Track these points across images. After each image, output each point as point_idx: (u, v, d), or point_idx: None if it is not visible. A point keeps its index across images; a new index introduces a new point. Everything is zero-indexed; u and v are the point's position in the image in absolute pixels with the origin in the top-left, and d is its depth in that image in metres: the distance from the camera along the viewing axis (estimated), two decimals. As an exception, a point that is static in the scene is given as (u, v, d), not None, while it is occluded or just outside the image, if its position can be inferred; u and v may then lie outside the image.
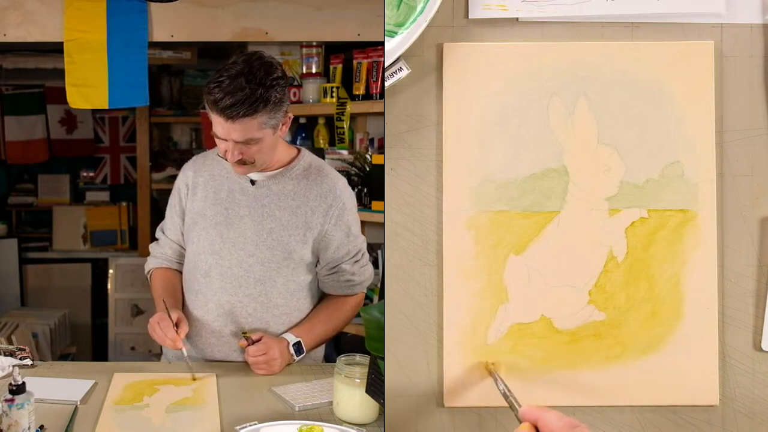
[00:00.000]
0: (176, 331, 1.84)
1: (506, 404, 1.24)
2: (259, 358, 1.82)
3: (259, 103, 1.73)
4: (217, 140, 1.83)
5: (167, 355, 2.02)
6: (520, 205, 1.40)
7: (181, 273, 2.04)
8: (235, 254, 1.90)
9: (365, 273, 2.00)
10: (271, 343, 1.85)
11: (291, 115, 1.86)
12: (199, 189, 1.95)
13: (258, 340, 1.84)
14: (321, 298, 2.02)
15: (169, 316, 1.85)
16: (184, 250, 2.02)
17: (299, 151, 1.97)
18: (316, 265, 1.96)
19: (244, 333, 1.86)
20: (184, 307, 1.99)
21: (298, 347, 1.88)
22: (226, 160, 1.85)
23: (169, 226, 2.04)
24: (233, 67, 1.76)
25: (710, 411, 1.42)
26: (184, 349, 1.85)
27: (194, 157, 2.06)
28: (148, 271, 2.08)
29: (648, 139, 1.40)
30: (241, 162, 1.82)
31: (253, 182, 1.92)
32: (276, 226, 1.89)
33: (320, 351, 2.05)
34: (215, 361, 1.94)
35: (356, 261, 1.96)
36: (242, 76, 1.74)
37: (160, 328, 1.85)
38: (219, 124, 1.77)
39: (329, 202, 1.90)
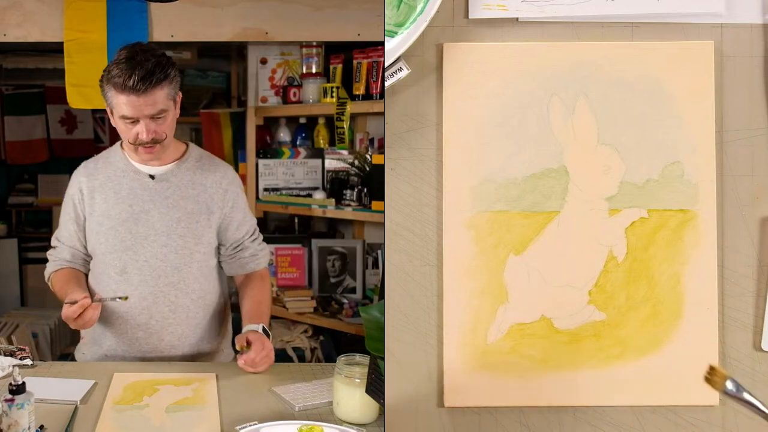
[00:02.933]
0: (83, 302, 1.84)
1: (505, 405, 1.24)
2: (262, 356, 1.85)
3: (161, 73, 1.87)
4: (124, 126, 1.90)
5: (86, 356, 2.04)
6: (520, 205, 1.40)
7: (80, 271, 2.06)
8: (148, 247, 1.96)
9: (264, 249, 2.13)
10: (262, 339, 1.89)
11: (180, 95, 1.98)
12: (96, 192, 2.01)
13: (246, 346, 1.87)
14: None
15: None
16: (81, 253, 2.05)
17: (187, 144, 2.08)
18: (219, 249, 2.05)
19: (238, 350, 1.88)
20: (102, 308, 1.98)
21: (265, 332, 1.95)
22: (138, 146, 1.90)
23: (64, 234, 2.07)
24: (122, 55, 1.88)
25: (710, 411, 1.42)
26: (99, 298, 1.89)
27: (83, 163, 2.09)
28: (48, 277, 2.09)
29: (648, 139, 1.40)
30: (154, 141, 1.90)
31: (152, 177, 1.98)
32: (182, 215, 1.97)
33: (228, 334, 2.13)
34: (147, 359, 1.97)
35: (255, 239, 2.09)
36: (136, 56, 1.87)
37: (70, 309, 1.84)
38: (128, 104, 1.86)
39: (224, 186, 2.02)
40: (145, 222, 1.96)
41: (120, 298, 1.92)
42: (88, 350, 2.04)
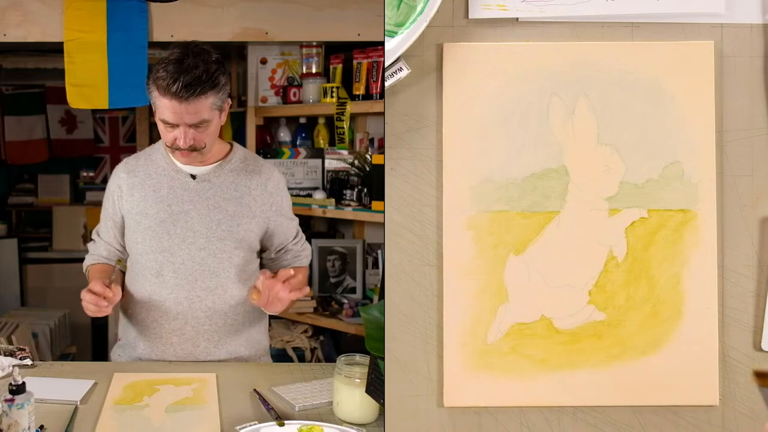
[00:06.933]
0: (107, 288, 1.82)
1: (505, 405, 1.24)
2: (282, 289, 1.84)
3: (208, 82, 1.78)
4: (164, 129, 1.84)
5: (122, 357, 2.03)
6: (520, 205, 1.40)
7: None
8: (185, 249, 1.92)
9: (306, 248, 2.11)
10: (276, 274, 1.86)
11: (230, 101, 1.91)
12: (136, 189, 1.96)
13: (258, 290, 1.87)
14: None
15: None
16: (118, 250, 2.04)
17: (232, 145, 2.02)
18: (262, 252, 2.03)
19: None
20: (137, 311, 1.99)
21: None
22: (175, 150, 1.85)
23: (103, 229, 2.06)
24: (173, 55, 1.80)
25: (710, 411, 1.42)
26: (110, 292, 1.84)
27: (125, 159, 2.06)
28: (86, 269, 2.09)
29: (648, 139, 1.40)
30: (192, 148, 1.84)
31: (193, 177, 1.94)
32: (223, 217, 1.92)
33: (266, 341, 2.10)
34: (180, 361, 1.94)
35: (298, 241, 2.06)
36: (186, 59, 1.78)
37: (90, 293, 1.81)
38: (170, 109, 1.79)
39: (270, 190, 1.97)
40: (184, 223, 1.91)
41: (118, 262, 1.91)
42: (123, 352, 2.02)
